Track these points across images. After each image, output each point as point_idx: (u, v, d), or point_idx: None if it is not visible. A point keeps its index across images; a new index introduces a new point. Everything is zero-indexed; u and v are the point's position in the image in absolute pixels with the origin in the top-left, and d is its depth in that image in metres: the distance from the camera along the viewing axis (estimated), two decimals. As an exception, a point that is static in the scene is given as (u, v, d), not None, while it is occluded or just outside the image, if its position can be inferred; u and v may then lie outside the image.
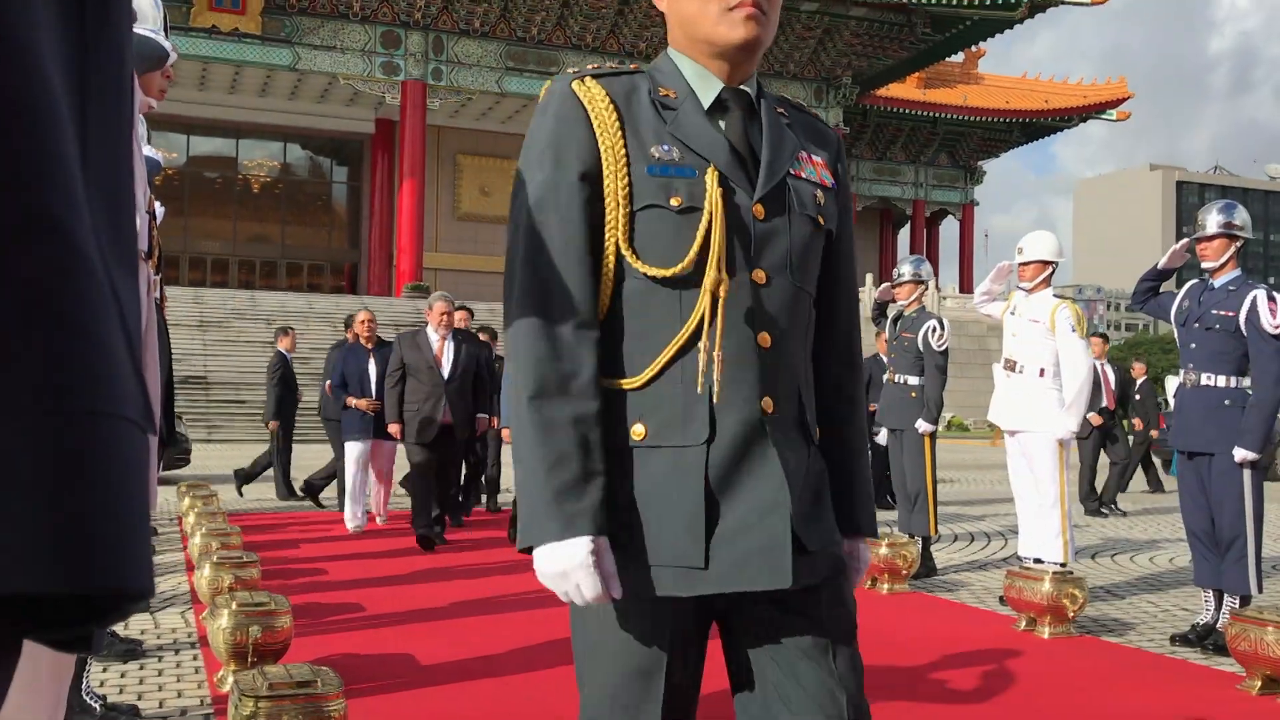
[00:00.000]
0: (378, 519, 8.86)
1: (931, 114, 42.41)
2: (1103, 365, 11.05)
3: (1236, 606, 4.81)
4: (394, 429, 7.77)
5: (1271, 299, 4.85)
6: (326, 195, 39.15)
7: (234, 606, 3.90)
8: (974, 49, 42.58)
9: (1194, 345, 5.03)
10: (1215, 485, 4.93)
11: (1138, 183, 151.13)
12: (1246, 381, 4.92)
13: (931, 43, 34.79)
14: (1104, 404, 10.98)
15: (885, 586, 6.20)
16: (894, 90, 40.69)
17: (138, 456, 0.51)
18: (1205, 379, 4.96)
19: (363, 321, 8.76)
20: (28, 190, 0.48)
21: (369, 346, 8.71)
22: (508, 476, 10.01)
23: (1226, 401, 4.90)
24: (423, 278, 31.91)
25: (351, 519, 8.35)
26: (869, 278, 34.53)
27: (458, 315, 8.63)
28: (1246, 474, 4.87)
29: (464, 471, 9.24)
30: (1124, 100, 42.38)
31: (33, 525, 0.45)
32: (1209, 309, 4.97)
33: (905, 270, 7.12)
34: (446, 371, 7.66)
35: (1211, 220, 5.04)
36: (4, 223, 0.47)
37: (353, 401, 8.46)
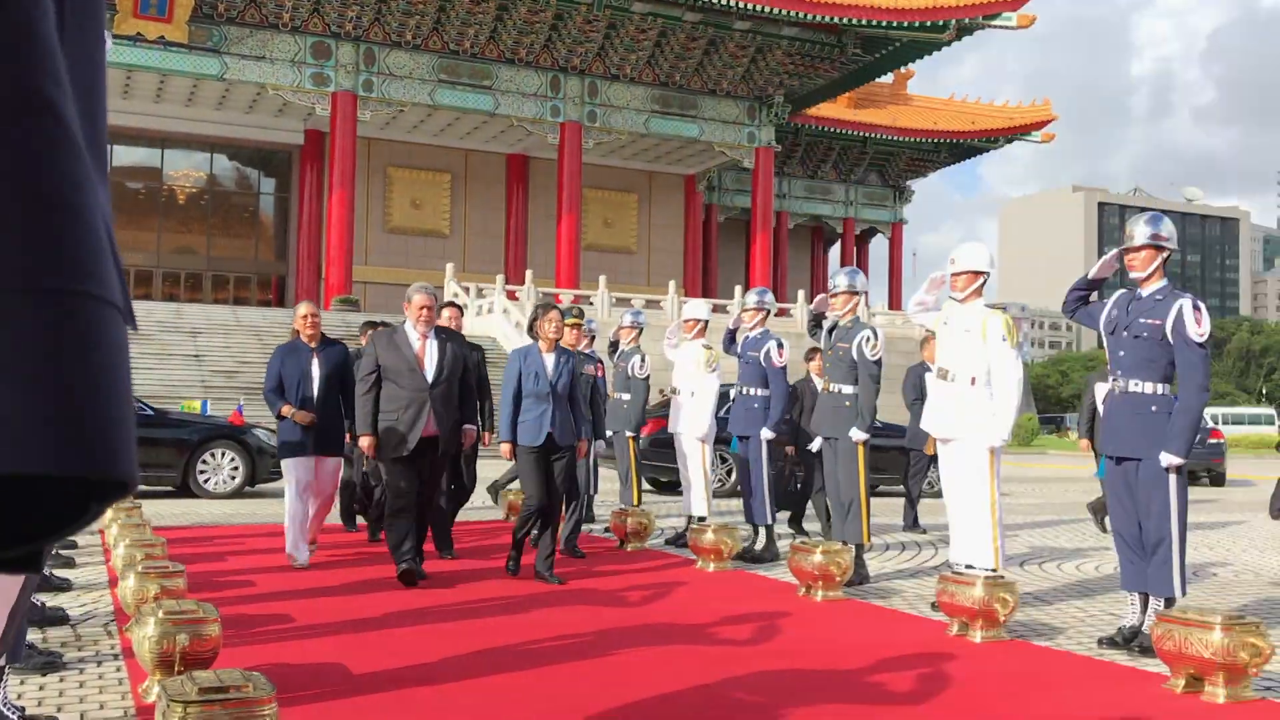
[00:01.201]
0: (309, 546, 7.43)
1: (862, 134, 43.00)
2: None
3: (1162, 608, 4.90)
4: (367, 443, 6.61)
5: (1197, 308, 4.97)
6: (254, 207, 38.54)
7: (160, 615, 3.79)
8: (903, 70, 43.41)
9: (1122, 353, 5.14)
10: (1142, 489, 5.03)
11: (1061, 203, 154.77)
12: (1172, 388, 5.04)
13: (862, 63, 35.31)
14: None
15: (820, 594, 6.23)
16: (825, 110, 41.20)
17: (123, 343, 0.48)
18: (1133, 386, 5.07)
19: (305, 316, 7.40)
20: (21, 69, 0.47)
21: (312, 345, 7.37)
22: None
23: (1153, 408, 5.01)
24: (352, 290, 31.54)
25: (299, 551, 7.11)
26: (801, 294, 34.82)
27: (446, 313, 7.88)
28: (1172, 478, 4.97)
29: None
30: (1048, 122, 43.33)
31: (22, 405, 0.43)
32: (1137, 318, 5.08)
33: (841, 281, 7.21)
34: (431, 374, 6.62)
35: (1140, 231, 5.16)
36: (3, 96, 0.45)
37: (288, 411, 7.13)
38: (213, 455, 12.11)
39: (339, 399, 7.33)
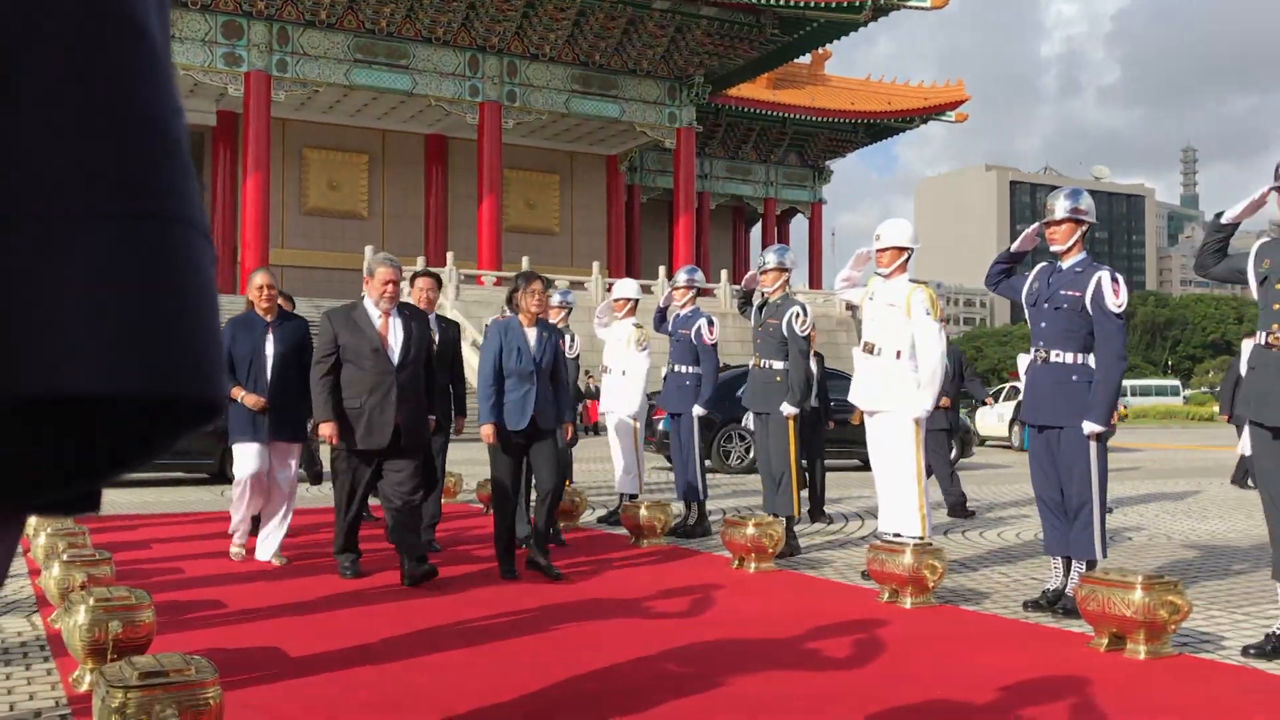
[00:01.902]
0: (274, 558, 6.54)
1: (781, 114, 43.32)
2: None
3: (1084, 571, 5.06)
4: (328, 431, 5.92)
5: (1115, 280, 5.12)
6: (165, 190, 37.55)
7: (91, 602, 3.72)
8: (820, 51, 43.72)
9: (1044, 324, 5.27)
10: (1064, 456, 5.18)
11: (974, 182, 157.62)
12: (1092, 358, 5.18)
13: (780, 43, 35.55)
14: None
15: (752, 565, 6.31)
16: (745, 90, 41.42)
17: (210, 267, 0.49)
18: (1054, 356, 5.21)
19: (260, 287, 6.59)
20: None
21: (268, 319, 6.64)
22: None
23: (1074, 377, 5.15)
24: (270, 275, 30.96)
25: (243, 541, 6.73)
26: (724, 274, 35.05)
27: (422, 283, 7.16)
28: (1093, 446, 5.13)
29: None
30: (961, 102, 44.10)
31: (116, 324, 0.43)
32: (1057, 290, 5.22)
33: (770, 259, 7.29)
34: (397, 355, 5.95)
35: (1060, 206, 5.29)
36: (96, 13, 0.45)
37: (238, 394, 6.44)
38: None
39: (297, 380, 6.46)
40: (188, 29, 30.01)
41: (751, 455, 13.02)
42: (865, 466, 10.46)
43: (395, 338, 6.00)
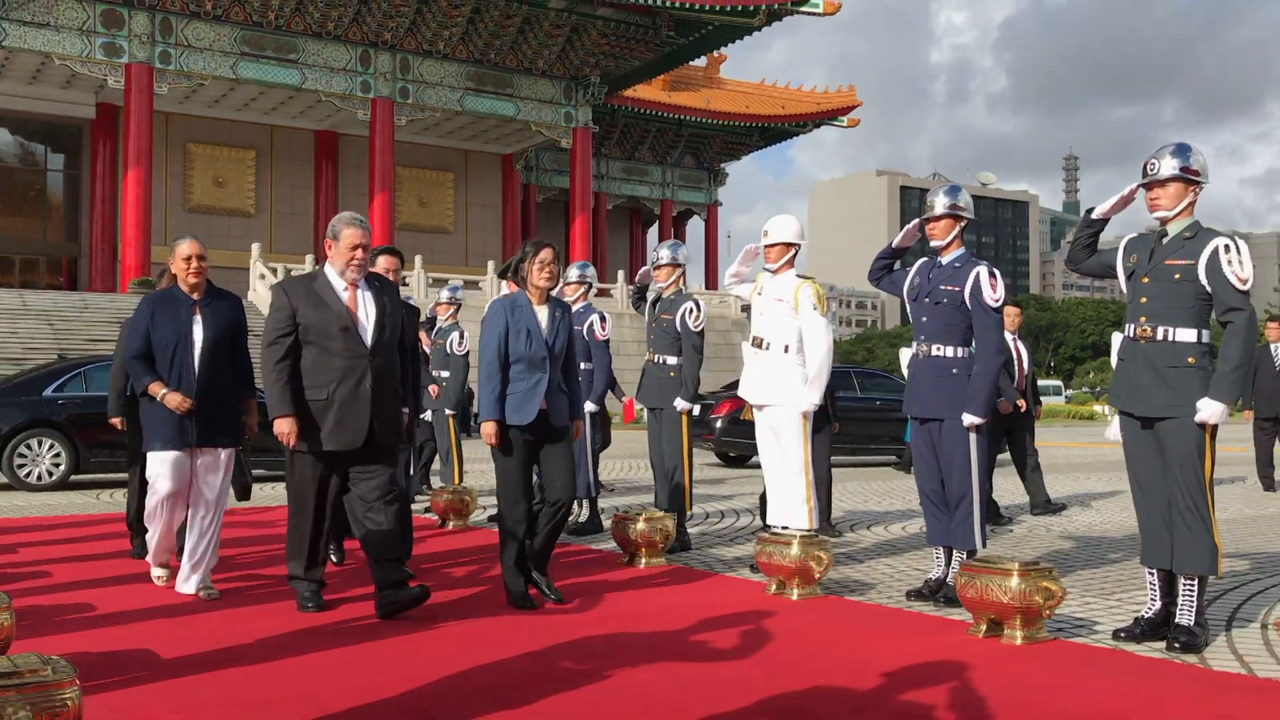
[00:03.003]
0: (201, 591, 5.40)
1: (677, 116, 43.55)
2: (1015, 340, 9.14)
3: (965, 559, 5.17)
4: (286, 428, 4.85)
5: (993, 275, 5.25)
6: (41, 184, 36.09)
7: (-57, 605, 3.53)
8: (716, 54, 44.18)
9: (925, 319, 5.37)
10: (945, 448, 5.28)
11: (866, 187, 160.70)
12: (972, 351, 5.30)
13: (676, 45, 35.74)
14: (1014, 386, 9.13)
15: (643, 561, 6.31)
16: (641, 91, 41.55)
17: None
18: (935, 350, 5.31)
19: (188, 258, 5.40)
20: None
21: (195, 298, 5.46)
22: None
23: (954, 370, 5.26)
24: (151, 272, 30.00)
25: (158, 562, 5.74)
26: (620, 274, 35.08)
27: (382, 264, 6.18)
28: (973, 437, 5.24)
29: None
30: (854, 108, 44.90)
31: None
32: (937, 285, 5.32)
33: (664, 254, 7.30)
34: (370, 335, 4.96)
35: (939, 202, 5.40)
36: None
37: (159, 391, 5.31)
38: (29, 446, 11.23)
39: (230, 370, 5.53)
40: (64, 17, 28.90)
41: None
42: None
43: (366, 314, 5.00)
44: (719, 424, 14.50)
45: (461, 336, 10.00)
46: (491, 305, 5.32)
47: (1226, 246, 4.36)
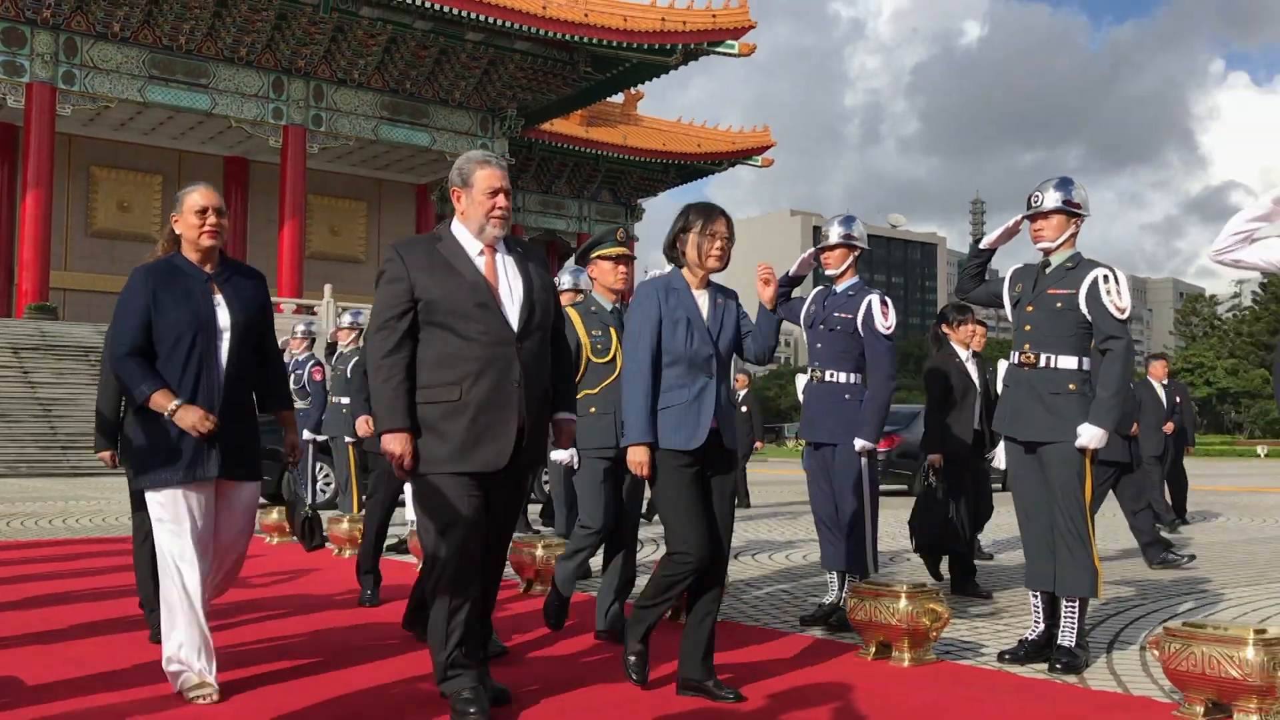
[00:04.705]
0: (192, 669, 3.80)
1: (594, 151, 43.75)
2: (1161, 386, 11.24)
3: (857, 583, 5.21)
4: (398, 447, 3.53)
5: (884, 303, 5.34)
6: (-66, 205, 34.90)
7: None
8: (634, 91, 44.54)
9: (819, 345, 5.44)
10: (838, 473, 5.33)
11: (780, 226, 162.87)
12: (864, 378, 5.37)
13: (594, 81, 35.98)
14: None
15: (538, 587, 6.25)
16: (559, 126, 41.69)
17: None
18: (829, 375, 5.37)
19: (202, 210, 3.83)
20: None
21: (208, 270, 3.90)
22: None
23: (847, 396, 5.32)
24: (49, 297, 29.17)
25: (208, 673, 3.75)
26: (533, 307, 34.94)
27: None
28: (864, 462, 5.31)
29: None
30: (768, 148, 45.57)
31: None
32: (832, 312, 5.40)
33: (565, 280, 7.26)
34: (516, 315, 3.65)
35: (834, 232, 5.50)
36: None
37: (166, 404, 3.67)
38: None
39: (256, 372, 4.03)
40: (-37, 34, 28.10)
41: None
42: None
43: (509, 286, 3.68)
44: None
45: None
46: (640, 287, 4.02)
47: (1105, 277, 4.50)
